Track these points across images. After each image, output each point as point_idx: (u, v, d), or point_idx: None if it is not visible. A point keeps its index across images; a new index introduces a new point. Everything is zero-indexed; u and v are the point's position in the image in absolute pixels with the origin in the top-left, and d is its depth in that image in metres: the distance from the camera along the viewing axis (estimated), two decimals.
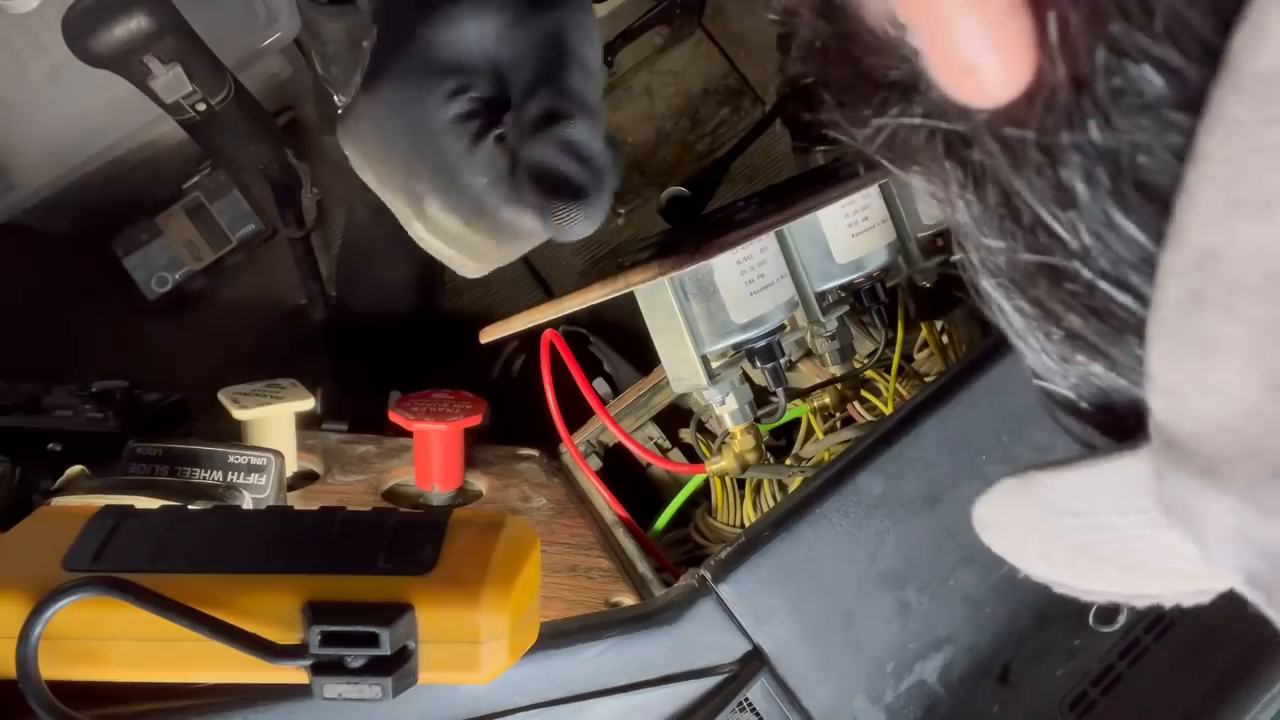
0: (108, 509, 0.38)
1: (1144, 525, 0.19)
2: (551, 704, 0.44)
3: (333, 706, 0.35)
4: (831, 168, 0.67)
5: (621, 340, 0.90)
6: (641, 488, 0.78)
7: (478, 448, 0.77)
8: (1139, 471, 0.18)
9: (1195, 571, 0.19)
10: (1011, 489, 0.22)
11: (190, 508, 0.41)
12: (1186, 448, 0.17)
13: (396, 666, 0.34)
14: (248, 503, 0.54)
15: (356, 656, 0.34)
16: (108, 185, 0.87)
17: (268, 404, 0.65)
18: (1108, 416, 0.20)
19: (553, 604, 0.66)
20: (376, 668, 0.34)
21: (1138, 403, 0.18)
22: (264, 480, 0.55)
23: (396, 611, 0.34)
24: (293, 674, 0.34)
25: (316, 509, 0.39)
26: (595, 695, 0.44)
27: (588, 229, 0.42)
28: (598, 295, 0.57)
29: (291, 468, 0.67)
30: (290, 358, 0.99)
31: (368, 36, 0.47)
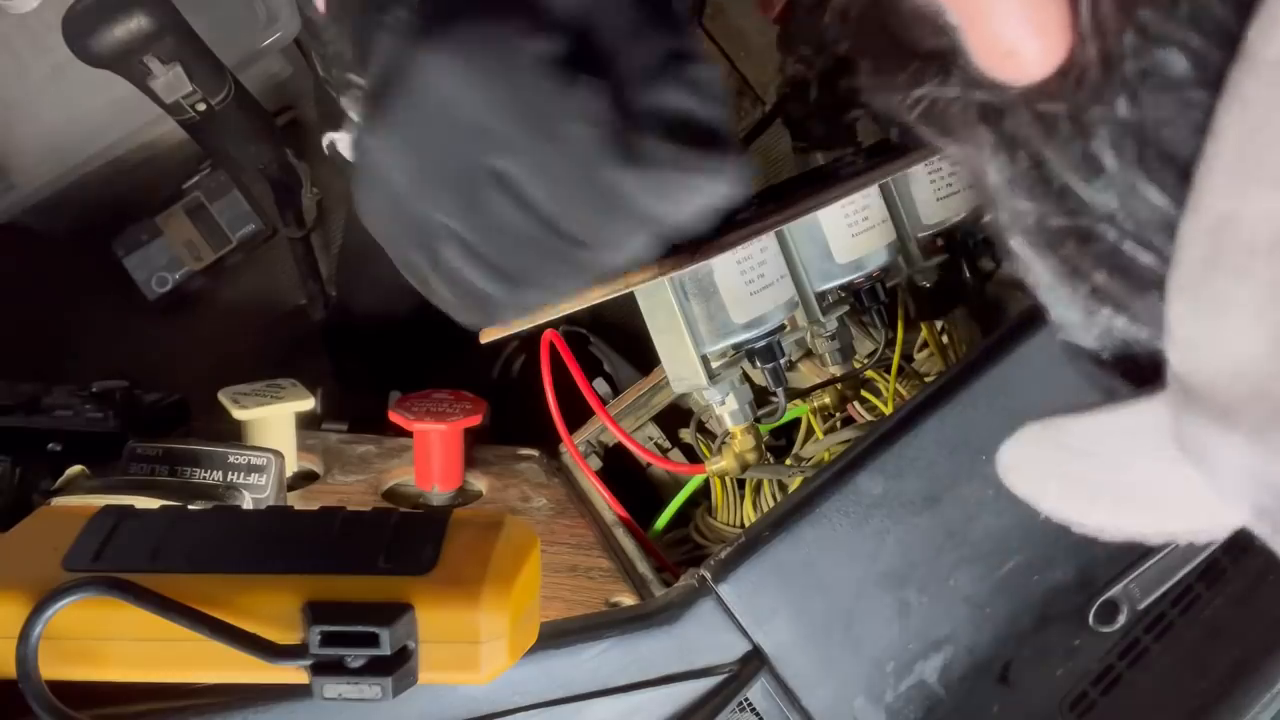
0: (108, 509, 0.38)
1: (1161, 465, 0.21)
2: (551, 704, 0.44)
3: (333, 706, 0.35)
4: (831, 168, 0.67)
5: (621, 340, 0.90)
6: (641, 488, 0.78)
7: (478, 448, 0.77)
8: (1157, 415, 0.20)
9: (1209, 509, 0.21)
10: (1036, 434, 0.24)
11: (190, 508, 0.41)
12: (1201, 393, 0.18)
13: (396, 666, 0.34)
14: (248, 503, 0.54)
15: (356, 656, 0.34)
16: (108, 185, 0.87)
17: (268, 404, 0.65)
18: (1128, 366, 0.21)
19: (553, 604, 0.66)
20: (376, 668, 0.34)
21: (1157, 353, 0.20)
22: (264, 480, 0.55)
23: (396, 611, 0.34)
24: (293, 674, 0.34)
25: (316, 509, 0.39)
26: (595, 695, 0.44)
27: (734, 188, 0.34)
28: (598, 295, 0.57)
29: (291, 468, 0.67)
30: (290, 358, 0.99)
31: None
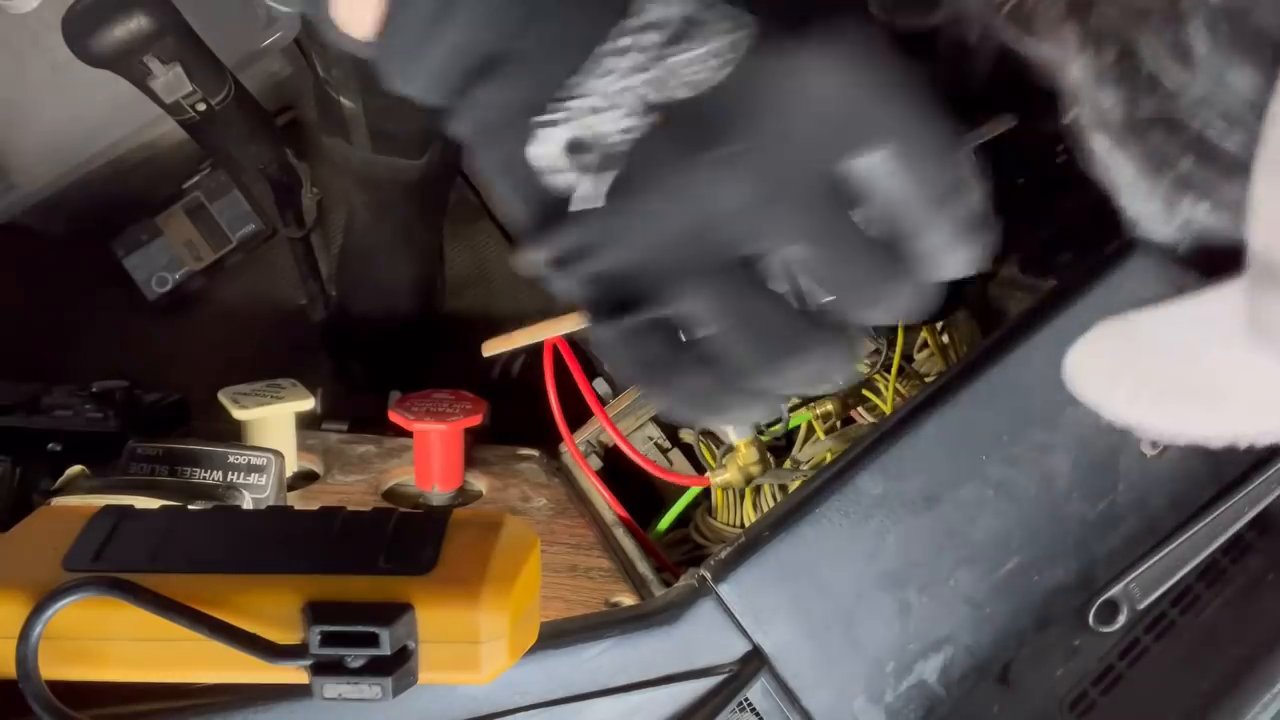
0: (108, 509, 0.38)
1: (1234, 356, 0.21)
2: (551, 704, 0.44)
3: (333, 706, 0.35)
4: None
5: None
6: (642, 488, 0.78)
7: (478, 448, 0.77)
8: (1231, 304, 0.20)
9: (1276, 403, 0.21)
10: (1109, 332, 0.24)
11: (190, 508, 0.41)
12: None
13: (396, 666, 0.34)
14: (248, 503, 0.54)
15: (356, 656, 0.34)
16: (108, 185, 0.87)
17: (268, 404, 0.65)
18: (1203, 258, 0.22)
19: (553, 604, 0.66)
20: (376, 668, 0.34)
21: (1233, 243, 0.20)
22: (264, 480, 0.55)
23: (396, 611, 0.34)
24: (293, 674, 0.34)
25: (316, 509, 0.39)
26: (595, 695, 0.44)
27: None
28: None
29: (291, 468, 0.67)
30: (290, 358, 0.99)
31: None
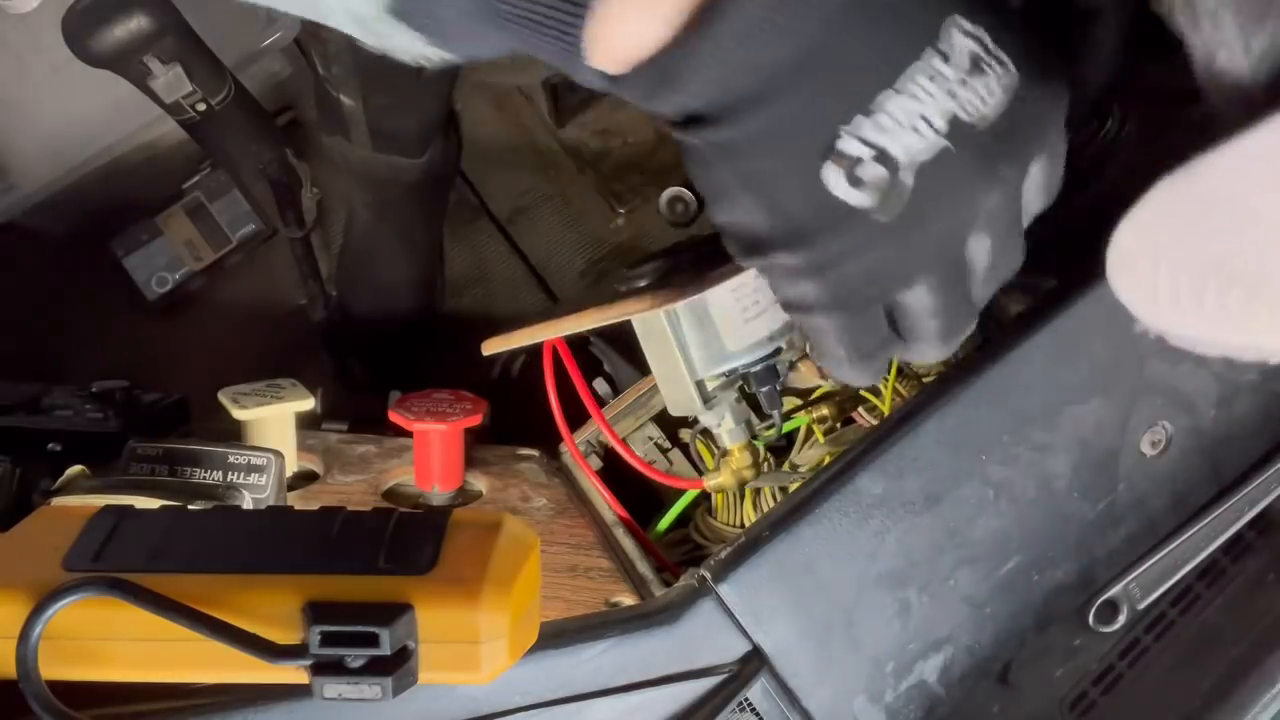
0: (108, 509, 0.38)
1: None
2: (551, 704, 0.44)
3: (333, 706, 0.35)
4: None
5: (622, 340, 0.90)
6: (642, 488, 0.78)
7: (478, 448, 0.77)
8: None
9: None
10: (1162, 193, 0.23)
11: (190, 508, 0.41)
12: None
13: (396, 666, 0.34)
14: (248, 503, 0.54)
15: (356, 656, 0.34)
16: (108, 185, 0.87)
17: (268, 404, 0.65)
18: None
19: (553, 604, 0.66)
20: (376, 668, 0.34)
21: None
22: (264, 480, 0.55)
23: (396, 611, 0.34)
24: (293, 674, 0.34)
25: (316, 509, 0.39)
26: (595, 695, 0.44)
27: None
28: (593, 321, 0.57)
29: (291, 468, 0.67)
30: (290, 358, 0.99)
31: None
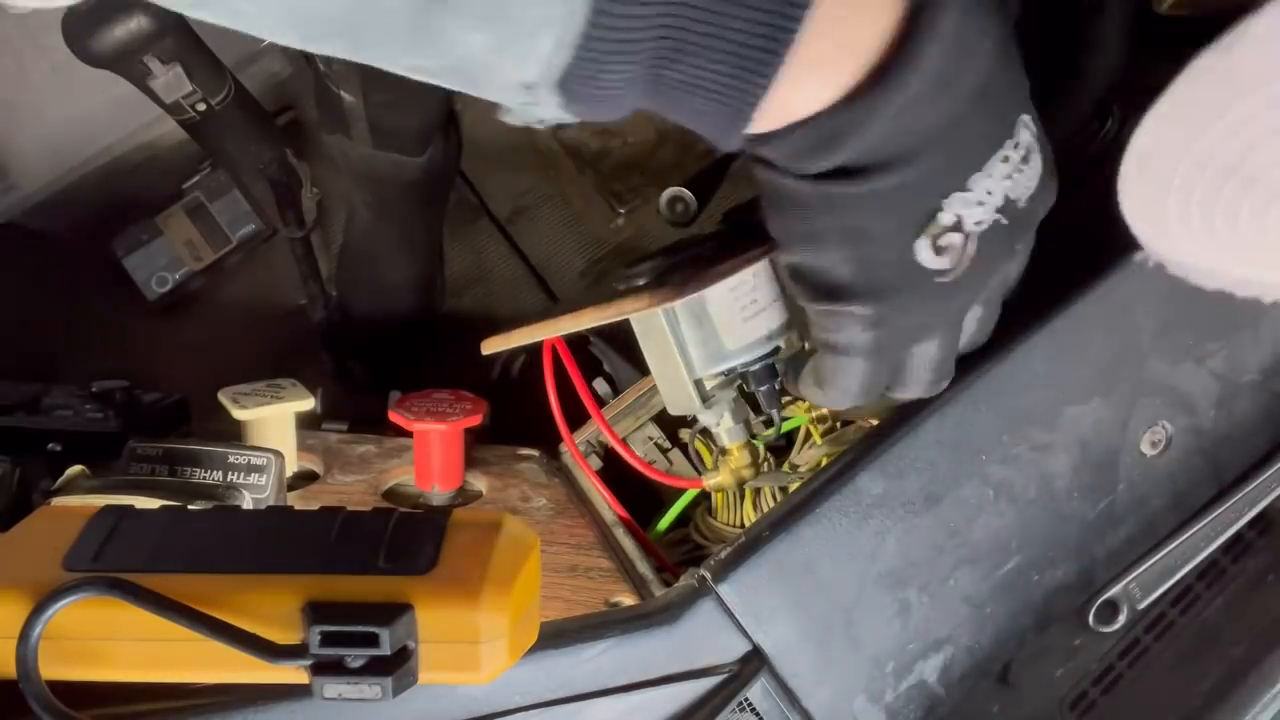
0: (108, 509, 0.38)
1: None
2: (551, 704, 0.44)
3: (333, 706, 0.35)
4: None
5: (621, 339, 0.90)
6: (642, 488, 0.78)
7: (478, 448, 0.77)
8: None
9: None
10: (1192, 73, 0.23)
11: (190, 508, 0.41)
12: None
13: (396, 666, 0.34)
14: (248, 503, 0.54)
15: (356, 656, 0.34)
16: (108, 185, 0.87)
17: (268, 404, 0.65)
18: None
19: (553, 604, 0.66)
20: (376, 668, 0.34)
21: None
22: (264, 480, 0.55)
23: (396, 611, 0.34)
24: (293, 674, 0.34)
25: (316, 509, 0.39)
26: (595, 695, 0.44)
27: None
28: (592, 320, 0.57)
29: (291, 468, 0.67)
30: (290, 358, 0.99)
31: None
